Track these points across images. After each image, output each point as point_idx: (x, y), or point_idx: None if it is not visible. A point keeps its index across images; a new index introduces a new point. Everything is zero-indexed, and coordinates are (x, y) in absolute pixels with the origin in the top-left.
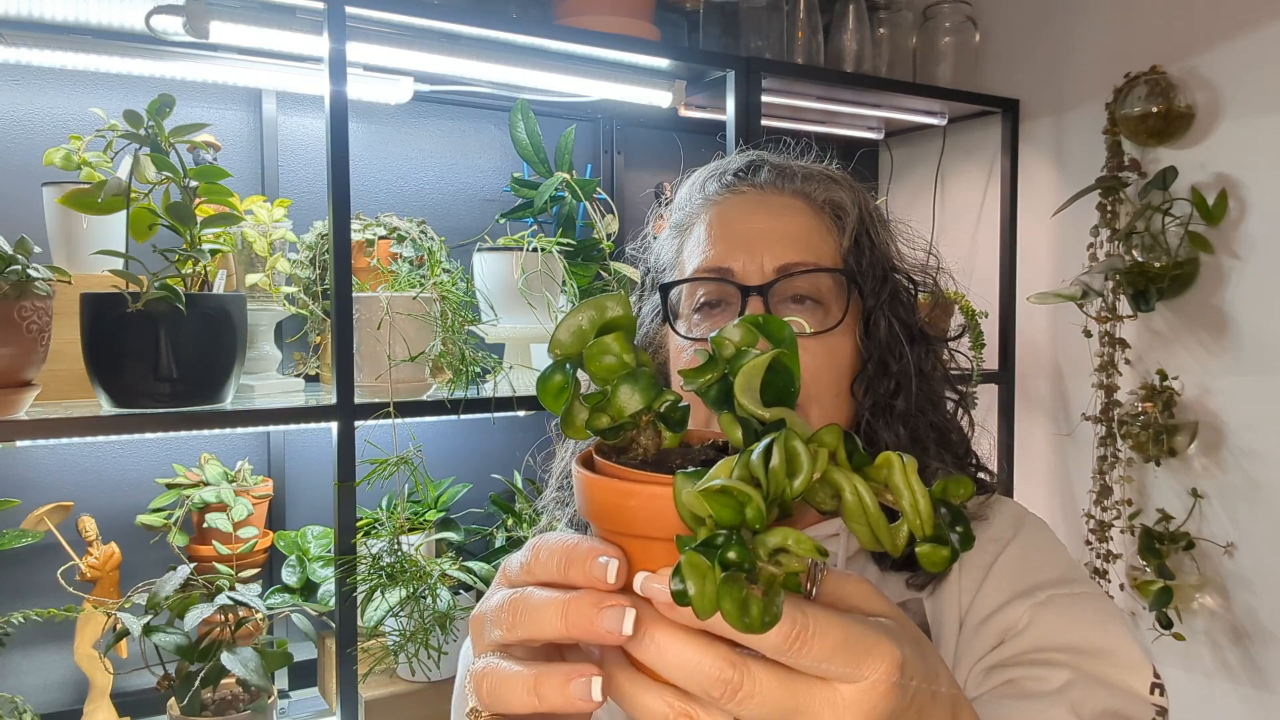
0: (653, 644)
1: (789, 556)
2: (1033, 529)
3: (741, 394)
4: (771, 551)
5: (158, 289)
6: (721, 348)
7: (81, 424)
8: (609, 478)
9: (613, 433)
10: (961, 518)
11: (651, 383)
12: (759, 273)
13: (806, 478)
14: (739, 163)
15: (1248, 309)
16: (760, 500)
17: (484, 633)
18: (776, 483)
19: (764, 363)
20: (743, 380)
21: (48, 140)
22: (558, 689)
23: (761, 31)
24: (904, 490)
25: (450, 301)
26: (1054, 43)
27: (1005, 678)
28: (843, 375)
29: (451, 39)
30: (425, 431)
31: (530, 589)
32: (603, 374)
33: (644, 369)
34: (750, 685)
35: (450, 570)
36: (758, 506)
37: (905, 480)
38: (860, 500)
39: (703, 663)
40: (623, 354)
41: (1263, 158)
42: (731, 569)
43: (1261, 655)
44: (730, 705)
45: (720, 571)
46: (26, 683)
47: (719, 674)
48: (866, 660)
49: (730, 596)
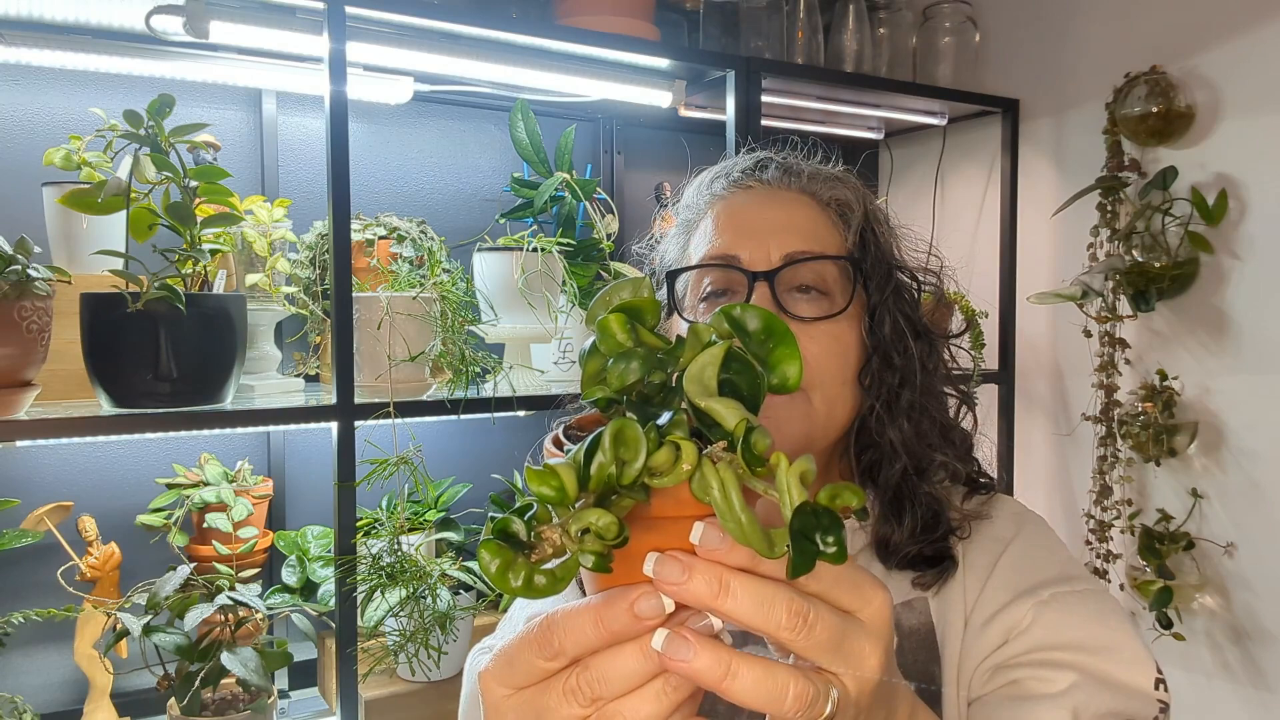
0: (731, 592)
1: (590, 537)
2: (1034, 527)
3: (689, 381)
4: (581, 530)
5: (158, 289)
6: (700, 335)
7: (81, 424)
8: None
9: (606, 405)
10: (837, 527)
11: (644, 362)
12: (765, 260)
13: (640, 467)
14: (746, 161)
15: (1247, 309)
16: (572, 481)
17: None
18: (601, 469)
19: (719, 353)
20: (695, 369)
21: (48, 140)
22: (624, 613)
23: (761, 31)
24: (784, 490)
25: (450, 301)
26: (1054, 43)
27: (1009, 678)
28: (848, 364)
29: (451, 39)
30: (425, 431)
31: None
32: (606, 350)
33: (640, 349)
34: (815, 614)
35: (450, 570)
36: (565, 487)
37: (785, 479)
38: (727, 499)
39: (777, 597)
40: (619, 334)
41: (1263, 158)
42: (509, 540)
43: (1261, 655)
44: (800, 634)
45: (496, 541)
46: (26, 683)
47: (794, 605)
48: (867, 590)
49: (501, 561)
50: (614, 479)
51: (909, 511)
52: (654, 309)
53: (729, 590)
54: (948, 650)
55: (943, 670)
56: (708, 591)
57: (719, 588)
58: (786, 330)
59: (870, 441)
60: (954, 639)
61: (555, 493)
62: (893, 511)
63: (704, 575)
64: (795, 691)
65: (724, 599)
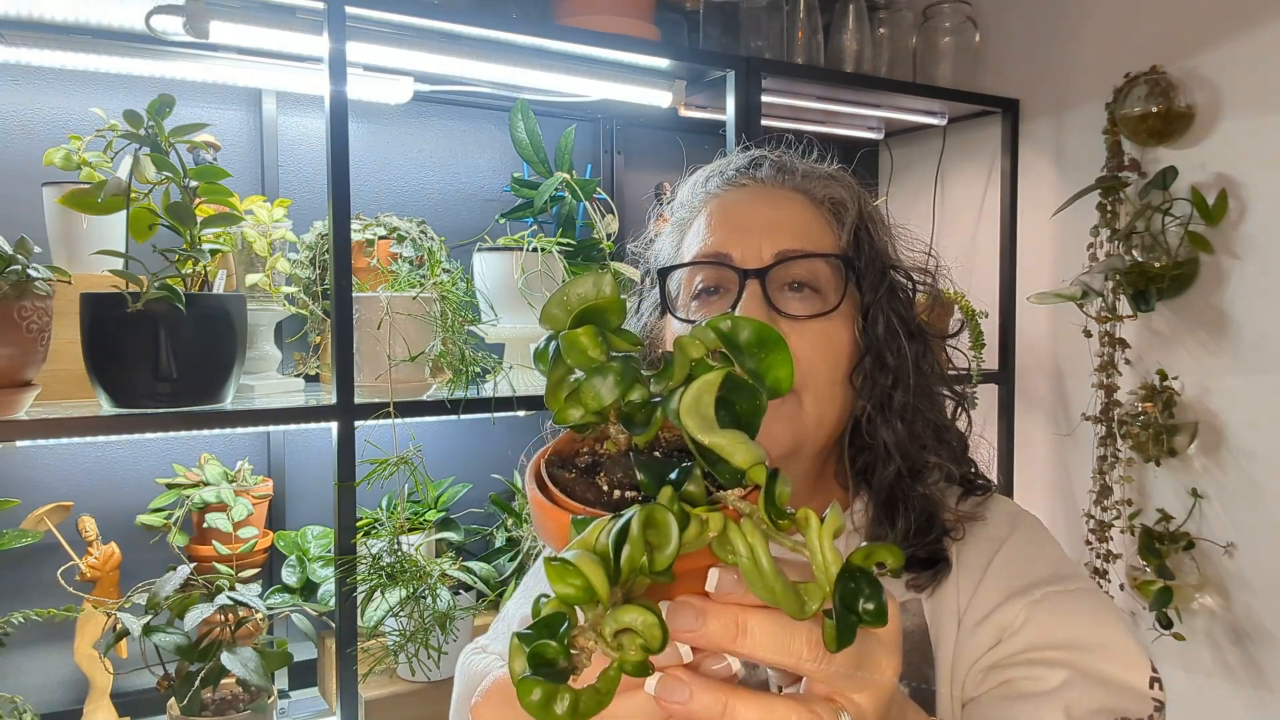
0: (749, 634)
1: (632, 637)
2: (1027, 527)
3: (686, 414)
4: (616, 632)
5: (158, 289)
6: (686, 350)
7: (81, 424)
8: (553, 507)
9: (581, 427)
10: (877, 591)
11: (620, 378)
12: (757, 258)
13: (672, 553)
14: (741, 160)
15: (1247, 309)
16: (600, 579)
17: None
18: (631, 561)
19: (716, 380)
20: (690, 398)
21: (48, 140)
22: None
23: (761, 31)
24: (816, 552)
25: (450, 301)
26: (1054, 43)
27: (1002, 678)
28: (839, 364)
29: (451, 39)
30: (425, 431)
31: None
32: (576, 365)
33: (614, 363)
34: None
35: (450, 570)
36: (592, 586)
37: (819, 541)
38: (757, 564)
39: (795, 632)
40: (589, 349)
41: (1263, 158)
42: (543, 668)
43: (1261, 655)
44: (821, 665)
45: (533, 678)
46: (26, 683)
47: (812, 636)
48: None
49: (543, 694)
50: (645, 569)
51: (902, 514)
52: (618, 308)
53: (747, 632)
54: (941, 651)
55: (936, 671)
56: (725, 635)
57: (736, 631)
58: (779, 338)
59: (863, 443)
60: (948, 640)
61: (581, 593)
62: (886, 514)
63: (719, 620)
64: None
65: (742, 641)
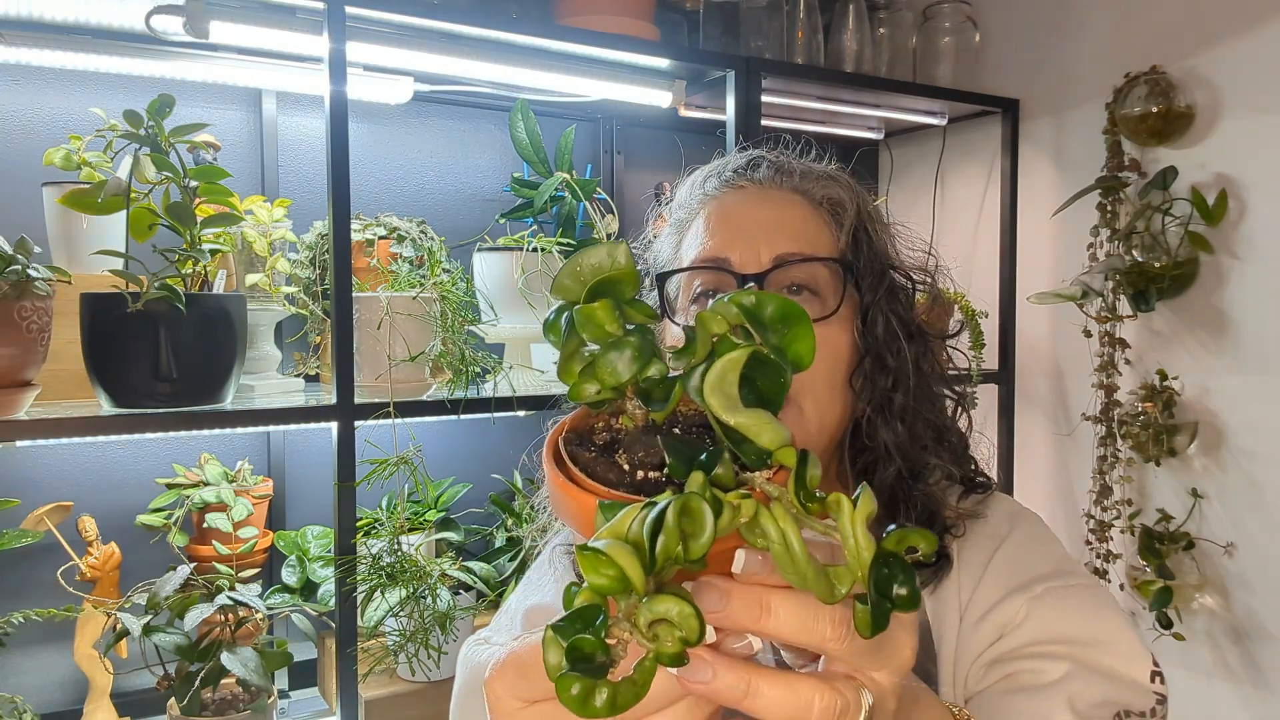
0: (773, 614)
1: (669, 628)
2: (1027, 524)
3: (711, 393)
4: (651, 622)
5: (158, 289)
6: (708, 326)
7: (81, 424)
8: (575, 488)
9: (597, 404)
10: (909, 576)
11: (638, 353)
12: (755, 262)
13: (707, 542)
14: (739, 160)
15: (1247, 309)
16: (635, 568)
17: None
18: (666, 550)
19: (741, 358)
20: (714, 377)
21: (48, 140)
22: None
23: (761, 31)
24: (849, 537)
25: (450, 301)
26: (1054, 43)
27: (1005, 672)
28: (839, 367)
29: (451, 39)
30: (425, 431)
31: None
32: (592, 340)
33: (630, 337)
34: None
35: (450, 570)
36: (628, 575)
37: (851, 526)
38: (788, 548)
39: (819, 611)
40: (606, 323)
41: (1263, 158)
42: (582, 662)
43: (1261, 655)
44: (845, 644)
45: (573, 674)
46: (26, 683)
47: (836, 615)
48: None
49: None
50: (680, 559)
51: (904, 513)
52: (633, 278)
53: (771, 612)
54: (943, 648)
55: (938, 668)
56: (749, 615)
57: (760, 611)
58: (802, 312)
59: (864, 444)
60: (949, 636)
61: (616, 583)
62: (887, 514)
63: (743, 600)
64: (821, 705)
65: (766, 620)
